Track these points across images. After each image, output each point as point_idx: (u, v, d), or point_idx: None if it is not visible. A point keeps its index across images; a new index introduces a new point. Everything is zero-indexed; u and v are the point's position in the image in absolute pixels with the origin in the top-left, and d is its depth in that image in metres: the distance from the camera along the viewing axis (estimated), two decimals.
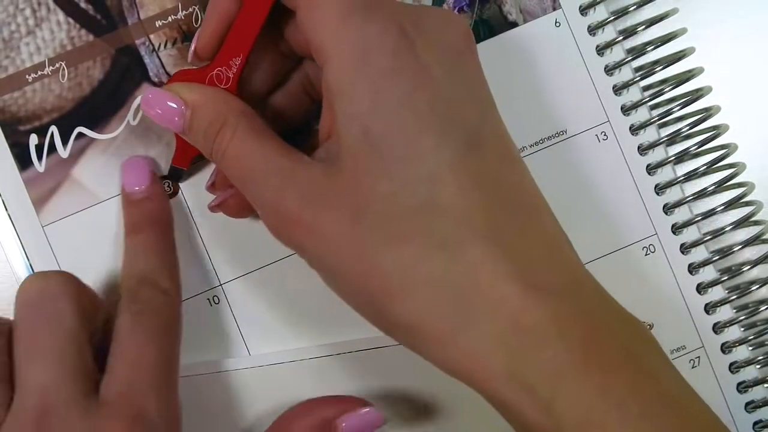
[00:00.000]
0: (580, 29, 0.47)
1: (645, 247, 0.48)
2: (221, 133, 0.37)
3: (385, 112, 0.34)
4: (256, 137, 0.37)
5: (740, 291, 0.48)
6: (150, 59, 0.45)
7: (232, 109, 0.38)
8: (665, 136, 0.47)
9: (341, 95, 0.34)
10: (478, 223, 0.33)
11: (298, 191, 0.35)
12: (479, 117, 0.35)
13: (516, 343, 0.32)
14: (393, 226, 0.33)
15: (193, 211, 0.45)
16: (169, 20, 0.45)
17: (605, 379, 0.32)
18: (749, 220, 0.48)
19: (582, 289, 0.35)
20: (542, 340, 0.32)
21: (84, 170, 0.45)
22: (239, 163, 0.37)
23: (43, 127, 0.45)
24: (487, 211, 0.34)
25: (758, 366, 0.48)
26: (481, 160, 0.34)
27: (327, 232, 0.34)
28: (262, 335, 0.46)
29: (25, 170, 0.45)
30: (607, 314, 0.35)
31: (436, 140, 0.33)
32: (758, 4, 0.49)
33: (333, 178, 0.35)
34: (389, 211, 0.33)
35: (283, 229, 0.37)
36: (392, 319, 0.34)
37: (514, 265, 0.33)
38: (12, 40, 0.45)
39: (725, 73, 0.49)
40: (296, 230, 0.36)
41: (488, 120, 0.36)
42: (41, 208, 0.45)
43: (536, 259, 0.34)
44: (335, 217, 0.34)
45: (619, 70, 0.47)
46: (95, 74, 0.45)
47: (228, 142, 0.37)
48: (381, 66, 0.34)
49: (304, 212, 0.35)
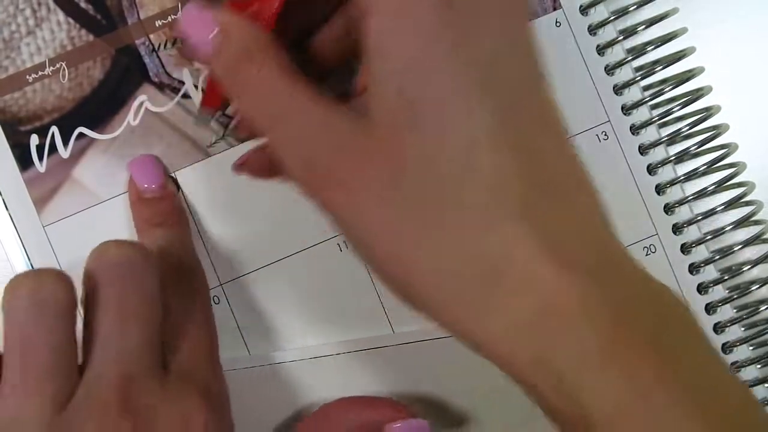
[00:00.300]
0: (580, 29, 0.47)
1: (646, 247, 0.48)
2: (246, 67, 0.35)
3: (422, 72, 0.31)
4: (284, 75, 0.34)
5: (741, 291, 0.48)
6: (150, 59, 0.45)
7: (261, 44, 0.35)
8: (665, 136, 0.47)
9: (378, 50, 0.32)
10: (513, 199, 0.31)
11: (332, 140, 0.33)
12: (523, 81, 0.33)
13: (544, 327, 0.31)
14: (428, 196, 0.32)
15: (193, 211, 0.45)
16: (169, 20, 0.45)
17: (631, 368, 0.30)
18: (749, 219, 0.48)
19: (615, 269, 0.33)
20: (570, 324, 0.31)
21: (85, 170, 0.45)
22: (264, 102, 0.34)
23: (43, 128, 0.45)
24: (523, 184, 0.32)
25: (759, 366, 0.48)
26: (521, 127, 0.32)
27: (360, 192, 0.32)
28: (262, 335, 0.46)
29: (26, 170, 0.45)
30: (640, 295, 0.33)
31: (474, 103, 0.31)
32: (758, 4, 0.49)
33: (369, 133, 0.33)
34: (425, 177, 0.32)
35: (311, 182, 0.34)
36: (419, 296, 0.33)
37: (547, 243, 0.31)
38: (12, 40, 0.45)
39: (725, 73, 0.49)
40: (327, 184, 0.33)
41: (533, 85, 0.34)
42: (42, 209, 0.45)
43: (569, 238, 0.32)
44: (372, 175, 0.32)
45: (619, 69, 0.47)
46: (95, 74, 0.45)
47: (253, 76, 0.34)
48: (421, 22, 0.31)
49: (337, 165, 0.33)
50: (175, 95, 0.46)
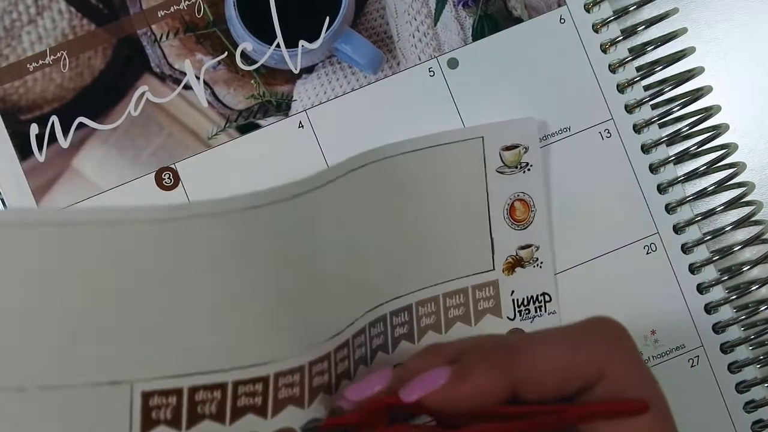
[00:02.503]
0: (584, 26, 0.47)
1: (646, 246, 0.48)
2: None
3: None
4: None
5: (741, 291, 0.48)
6: (152, 50, 0.45)
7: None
8: (665, 136, 0.47)
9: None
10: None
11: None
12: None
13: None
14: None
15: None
16: (172, 10, 0.45)
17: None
18: (749, 219, 0.48)
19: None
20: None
21: (85, 160, 0.45)
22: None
23: (43, 117, 0.44)
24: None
25: (758, 366, 0.48)
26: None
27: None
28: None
29: (26, 160, 0.44)
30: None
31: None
32: (758, 4, 0.50)
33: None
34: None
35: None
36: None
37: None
38: (13, 28, 0.44)
39: (725, 73, 0.49)
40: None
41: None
42: (41, 198, 0.44)
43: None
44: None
45: (623, 68, 0.47)
46: (96, 64, 0.45)
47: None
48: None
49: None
50: (177, 86, 0.45)
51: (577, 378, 0.34)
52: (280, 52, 0.46)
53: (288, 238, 0.36)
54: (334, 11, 0.46)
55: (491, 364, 0.34)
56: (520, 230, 0.46)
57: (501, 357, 0.34)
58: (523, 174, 0.45)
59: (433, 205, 0.43)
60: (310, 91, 0.46)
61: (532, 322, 0.47)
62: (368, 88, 0.46)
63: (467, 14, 0.46)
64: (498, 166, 0.45)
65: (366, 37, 0.46)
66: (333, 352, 0.39)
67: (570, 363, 0.34)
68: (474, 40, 0.47)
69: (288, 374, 0.37)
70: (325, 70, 0.46)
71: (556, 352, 0.34)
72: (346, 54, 0.46)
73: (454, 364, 0.34)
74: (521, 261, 0.46)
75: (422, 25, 0.46)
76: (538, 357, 0.34)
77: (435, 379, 0.34)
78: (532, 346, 0.34)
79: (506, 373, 0.33)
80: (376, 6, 0.46)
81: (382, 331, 0.42)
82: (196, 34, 0.45)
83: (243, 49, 0.46)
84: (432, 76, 0.46)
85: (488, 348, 0.35)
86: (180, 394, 0.34)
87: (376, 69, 0.46)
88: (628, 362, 0.34)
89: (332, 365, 0.39)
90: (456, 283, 0.45)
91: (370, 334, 0.41)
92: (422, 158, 0.43)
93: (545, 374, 0.34)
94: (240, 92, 0.46)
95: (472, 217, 0.45)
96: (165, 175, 0.45)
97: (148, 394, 0.34)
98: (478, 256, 0.45)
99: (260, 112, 0.46)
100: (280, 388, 0.37)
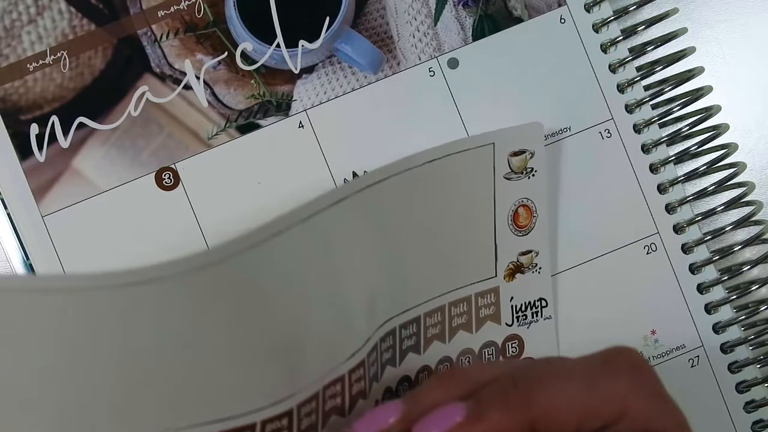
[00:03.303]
0: (584, 26, 0.47)
1: (646, 246, 0.48)
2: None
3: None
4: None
5: (740, 291, 0.48)
6: (152, 50, 0.45)
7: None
8: (665, 136, 0.47)
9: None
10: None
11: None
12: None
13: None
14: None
15: (194, 204, 0.45)
16: (172, 10, 0.45)
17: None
18: (749, 219, 0.48)
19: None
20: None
21: (85, 160, 0.45)
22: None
23: (43, 117, 0.44)
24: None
25: (758, 366, 0.48)
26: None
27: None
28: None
29: (26, 160, 0.44)
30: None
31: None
32: (758, 4, 0.50)
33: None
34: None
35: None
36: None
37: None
38: (13, 28, 0.44)
39: (725, 73, 0.49)
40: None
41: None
42: (41, 199, 0.44)
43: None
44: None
45: (623, 68, 0.47)
46: (97, 64, 0.45)
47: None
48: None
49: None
50: (177, 86, 0.45)
51: (597, 417, 0.33)
52: (280, 52, 0.46)
53: (301, 260, 0.36)
54: (334, 11, 0.46)
55: (507, 403, 0.33)
56: (522, 236, 0.46)
57: (517, 395, 0.33)
58: (528, 179, 0.45)
59: (443, 216, 0.43)
60: (310, 91, 0.46)
61: (529, 328, 0.47)
62: (368, 88, 0.46)
63: (467, 14, 0.47)
64: (506, 173, 0.44)
65: (366, 37, 0.46)
66: (348, 373, 0.38)
67: (589, 402, 0.33)
68: (474, 40, 0.47)
69: (307, 402, 0.36)
70: (325, 70, 0.46)
71: (574, 390, 0.33)
72: (346, 54, 0.46)
73: (468, 399, 0.33)
74: (521, 267, 0.46)
75: (422, 25, 0.46)
76: (555, 395, 0.33)
77: (450, 416, 0.33)
78: (550, 383, 0.33)
79: (523, 413, 0.33)
80: (376, 6, 0.46)
81: (391, 345, 0.42)
82: (196, 34, 0.45)
83: (243, 49, 0.46)
84: (432, 76, 0.46)
85: (504, 385, 0.34)
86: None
87: (376, 69, 0.46)
88: (650, 397, 0.34)
89: (346, 387, 0.38)
90: (461, 292, 0.44)
91: (381, 349, 0.41)
92: (434, 169, 0.42)
93: (563, 413, 0.33)
94: (240, 92, 0.46)
95: (478, 225, 0.45)
96: (165, 175, 0.45)
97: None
98: (482, 263, 0.45)
99: (260, 112, 0.46)
100: (302, 418, 0.36)
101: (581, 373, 0.34)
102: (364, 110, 0.46)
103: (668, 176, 0.48)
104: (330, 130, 0.46)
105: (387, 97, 0.46)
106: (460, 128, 0.46)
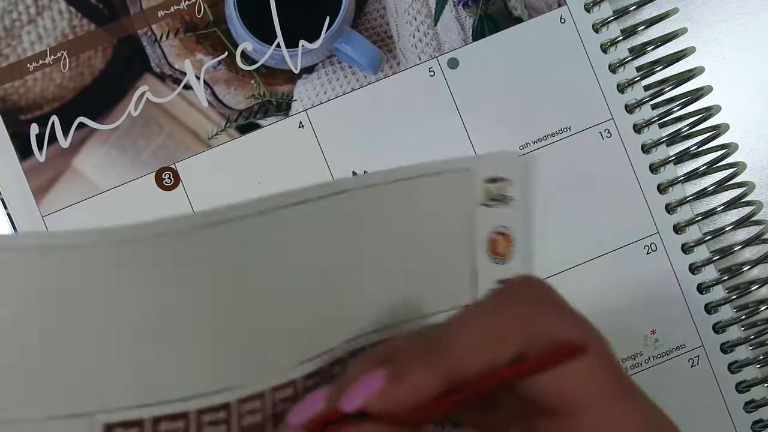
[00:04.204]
0: (584, 26, 0.47)
1: (647, 246, 0.48)
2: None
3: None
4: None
5: (740, 291, 0.48)
6: (152, 49, 0.45)
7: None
8: (665, 136, 0.47)
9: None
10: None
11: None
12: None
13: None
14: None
15: (194, 204, 0.45)
16: (172, 10, 0.45)
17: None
18: (749, 219, 0.48)
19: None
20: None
21: (85, 160, 0.45)
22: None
23: (44, 117, 0.44)
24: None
25: (758, 366, 0.48)
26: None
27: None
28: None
29: (26, 160, 0.44)
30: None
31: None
32: (758, 4, 0.50)
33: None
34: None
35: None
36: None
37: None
38: (13, 28, 0.44)
39: (725, 73, 0.49)
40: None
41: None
42: (41, 198, 0.44)
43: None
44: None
45: (623, 68, 0.47)
46: (97, 64, 0.45)
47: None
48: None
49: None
50: (177, 86, 0.45)
51: (507, 347, 0.33)
52: (280, 52, 0.46)
53: (247, 261, 0.36)
54: (334, 11, 0.46)
55: (421, 360, 0.33)
56: (501, 264, 0.46)
57: (429, 351, 0.33)
58: (506, 207, 0.45)
59: (417, 237, 0.43)
60: (310, 91, 0.46)
61: None
62: (368, 88, 0.46)
63: (467, 14, 0.47)
64: (482, 199, 0.45)
65: (366, 37, 0.46)
66: (301, 379, 0.38)
67: (494, 334, 0.33)
68: (474, 40, 0.47)
69: (250, 400, 0.36)
70: (325, 70, 0.46)
71: (476, 329, 0.33)
72: (346, 54, 0.46)
73: (386, 365, 0.33)
74: None
75: (422, 25, 0.46)
76: (461, 340, 0.33)
77: (372, 384, 0.32)
78: (455, 330, 0.33)
79: (437, 366, 0.32)
80: (377, 6, 0.46)
81: None
82: (197, 34, 0.45)
83: (243, 49, 0.46)
84: (432, 76, 0.46)
85: (415, 344, 0.34)
86: (142, 426, 0.34)
87: (376, 69, 0.46)
88: (556, 314, 0.33)
89: (299, 392, 0.38)
90: (439, 317, 0.44)
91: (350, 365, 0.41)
92: (408, 188, 0.42)
93: (473, 354, 0.33)
94: (240, 92, 0.46)
95: (455, 250, 0.45)
96: (165, 175, 0.45)
97: (110, 426, 0.33)
98: (460, 289, 0.45)
99: (260, 112, 0.46)
100: (244, 415, 0.36)
101: (480, 311, 0.34)
102: (364, 110, 0.46)
103: (668, 176, 0.48)
104: (330, 130, 0.46)
105: (387, 97, 0.46)
106: (460, 128, 0.46)
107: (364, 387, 0.32)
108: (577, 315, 0.34)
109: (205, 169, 0.45)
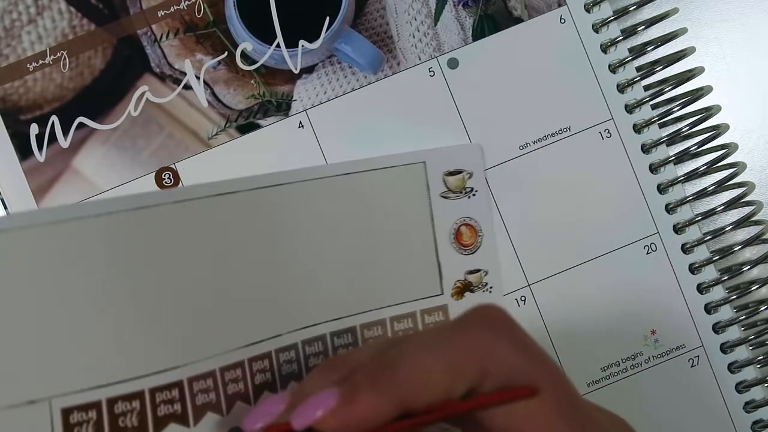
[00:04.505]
0: (584, 26, 0.47)
1: (646, 246, 0.48)
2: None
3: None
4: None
5: (740, 291, 0.48)
6: (152, 50, 0.45)
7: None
8: (665, 136, 0.47)
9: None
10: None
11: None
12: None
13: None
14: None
15: None
16: (172, 10, 0.45)
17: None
18: (749, 219, 0.48)
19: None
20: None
21: (85, 160, 0.45)
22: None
23: (43, 117, 0.44)
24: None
25: (758, 366, 0.48)
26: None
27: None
28: None
29: (26, 160, 0.44)
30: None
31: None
32: (758, 4, 0.50)
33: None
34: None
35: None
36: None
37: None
38: (13, 28, 0.44)
39: (725, 73, 0.49)
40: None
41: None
42: (41, 198, 0.44)
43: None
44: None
45: (623, 68, 0.47)
46: (96, 64, 0.45)
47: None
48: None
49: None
50: (177, 86, 0.45)
51: (462, 379, 0.33)
52: (280, 52, 0.46)
53: (202, 243, 0.37)
54: (334, 11, 0.46)
55: (374, 385, 0.33)
56: (467, 255, 0.46)
57: (383, 376, 0.33)
58: (468, 199, 0.45)
59: (374, 228, 0.44)
60: (310, 91, 0.46)
61: None
62: (368, 88, 0.46)
63: (467, 14, 0.47)
64: (442, 191, 0.45)
65: (366, 37, 0.46)
66: (247, 361, 0.39)
67: (449, 365, 0.33)
68: (474, 40, 0.47)
69: (201, 379, 0.37)
70: (325, 70, 0.46)
71: (432, 359, 0.33)
72: (346, 54, 0.46)
73: (342, 384, 0.33)
74: (470, 286, 0.46)
75: (422, 25, 0.46)
76: (416, 368, 0.33)
77: (324, 402, 0.32)
78: (411, 358, 0.33)
79: (390, 392, 0.32)
80: (376, 6, 0.46)
81: (321, 351, 0.42)
82: (196, 34, 0.45)
83: (243, 49, 0.46)
84: (432, 76, 0.46)
85: (372, 367, 0.34)
86: (99, 408, 0.34)
87: (376, 69, 0.46)
88: (510, 347, 0.33)
89: (247, 374, 0.39)
90: (404, 307, 0.45)
91: (306, 352, 0.41)
92: (361, 180, 0.43)
93: (427, 384, 0.33)
94: (240, 92, 0.46)
95: (417, 241, 0.45)
96: (165, 175, 0.45)
97: (68, 410, 0.34)
98: (425, 280, 0.45)
99: (260, 112, 0.46)
100: (197, 393, 0.37)
101: (437, 340, 0.34)
102: (364, 110, 0.46)
103: (668, 176, 0.48)
104: (330, 130, 0.46)
105: (387, 97, 0.46)
106: (460, 128, 0.46)
107: (317, 404, 0.33)
108: (534, 348, 0.34)
109: (204, 169, 0.45)
